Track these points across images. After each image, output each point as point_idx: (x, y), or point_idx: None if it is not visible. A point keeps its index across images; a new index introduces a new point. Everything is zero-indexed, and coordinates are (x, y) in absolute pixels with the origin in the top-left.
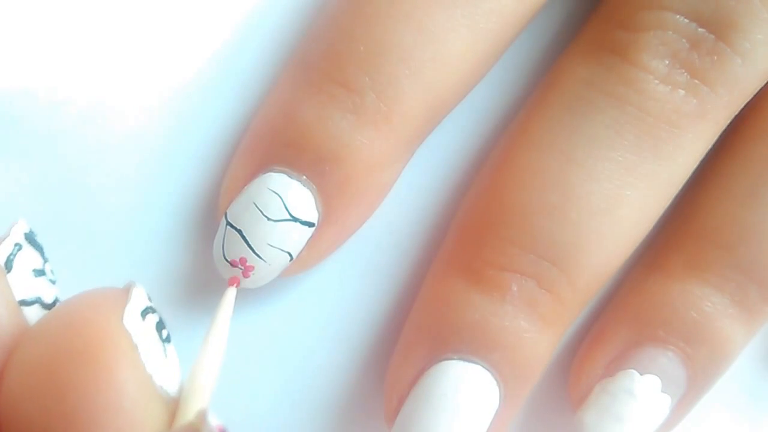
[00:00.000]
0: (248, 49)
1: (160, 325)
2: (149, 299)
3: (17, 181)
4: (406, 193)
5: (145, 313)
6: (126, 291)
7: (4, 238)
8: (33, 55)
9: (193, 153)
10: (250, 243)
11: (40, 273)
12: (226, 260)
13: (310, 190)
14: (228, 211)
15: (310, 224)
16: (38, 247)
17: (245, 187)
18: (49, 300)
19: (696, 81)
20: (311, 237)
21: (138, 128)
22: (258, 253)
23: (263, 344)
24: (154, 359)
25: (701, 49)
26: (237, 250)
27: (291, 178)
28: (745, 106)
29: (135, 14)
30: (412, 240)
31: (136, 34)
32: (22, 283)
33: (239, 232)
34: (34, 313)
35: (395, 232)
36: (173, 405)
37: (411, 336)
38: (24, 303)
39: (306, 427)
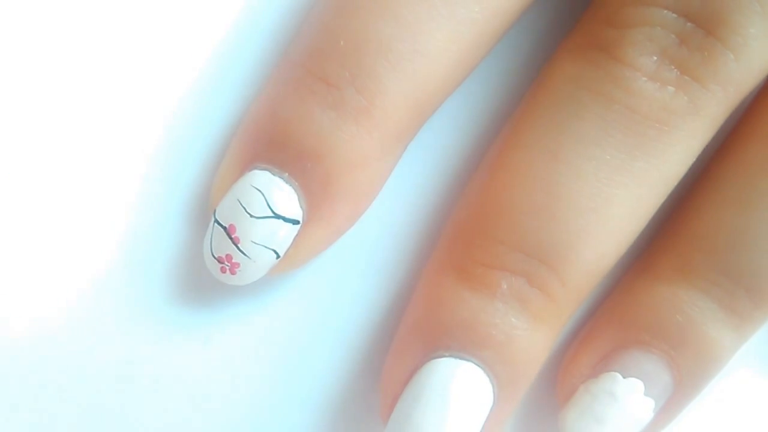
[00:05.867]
0: (249, 49)
1: None
2: None
3: (17, 181)
4: (404, 193)
5: None
6: None
7: None
8: (33, 56)
9: (194, 152)
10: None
11: None
12: (214, 257)
13: (293, 188)
14: (216, 209)
15: (295, 221)
16: None
17: (232, 185)
18: None
19: (686, 77)
20: (297, 235)
21: (138, 128)
22: (242, 250)
23: (260, 343)
24: None
25: (691, 45)
26: (223, 247)
27: (274, 175)
28: (737, 108)
29: (135, 15)
30: (409, 240)
31: (137, 35)
32: None
33: (225, 229)
34: None
35: (393, 231)
36: None
37: (405, 334)
38: None
39: (303, 426)
